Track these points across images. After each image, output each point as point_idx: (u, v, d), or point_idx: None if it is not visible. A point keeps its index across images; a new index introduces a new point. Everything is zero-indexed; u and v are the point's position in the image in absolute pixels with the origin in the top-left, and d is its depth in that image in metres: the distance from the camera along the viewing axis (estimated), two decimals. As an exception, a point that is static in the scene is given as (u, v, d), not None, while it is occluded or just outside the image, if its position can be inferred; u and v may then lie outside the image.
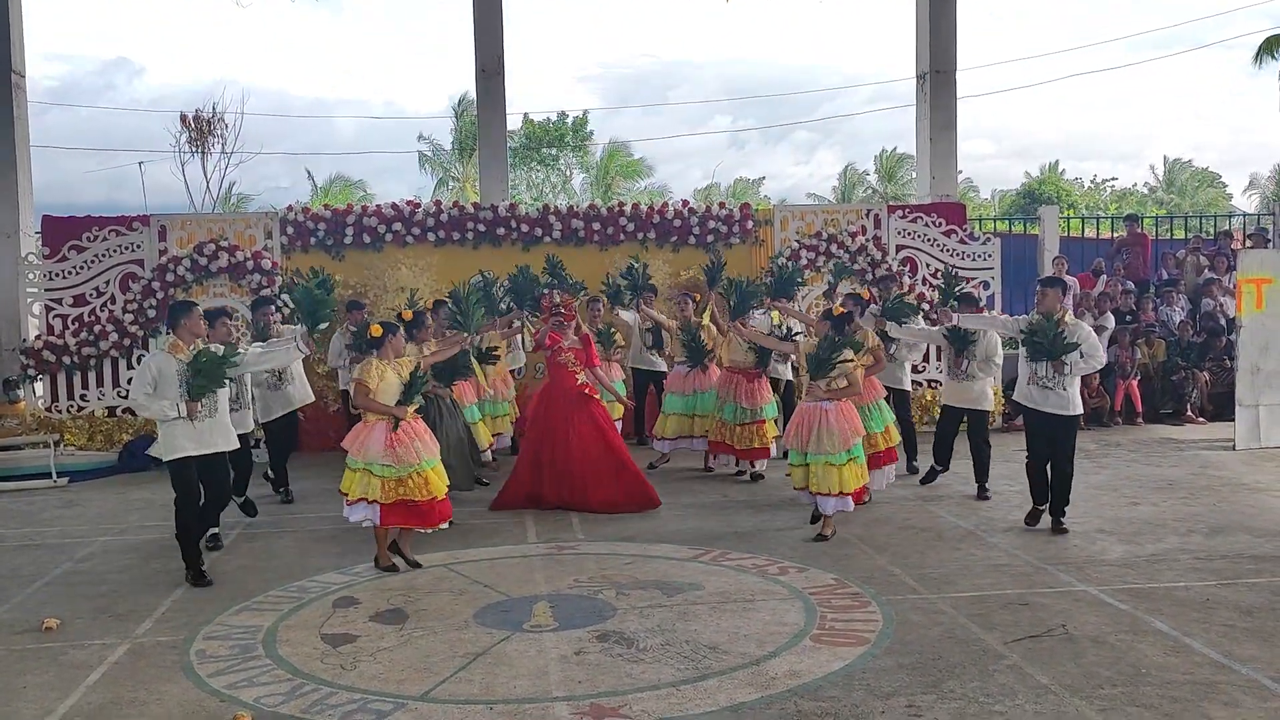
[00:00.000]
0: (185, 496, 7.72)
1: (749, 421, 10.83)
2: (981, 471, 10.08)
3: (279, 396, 10.21)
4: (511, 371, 12.51)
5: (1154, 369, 14.90)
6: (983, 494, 10.03)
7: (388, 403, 7.81)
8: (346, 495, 7.85)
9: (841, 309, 8.95)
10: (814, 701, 5.38)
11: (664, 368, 12.48)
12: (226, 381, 7.88)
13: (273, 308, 10.92)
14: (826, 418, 8.43)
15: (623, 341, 12.41)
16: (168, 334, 8.86)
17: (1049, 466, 8.69)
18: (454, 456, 9.43)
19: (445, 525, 8.09)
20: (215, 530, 8.59)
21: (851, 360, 8.53)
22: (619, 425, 11.66)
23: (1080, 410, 8.64)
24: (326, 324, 9.26)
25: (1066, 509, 8.75)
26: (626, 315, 12.73)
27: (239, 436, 8.87)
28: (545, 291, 11.07)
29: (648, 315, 12.35)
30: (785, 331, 10.63)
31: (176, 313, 7.97)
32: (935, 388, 13.81)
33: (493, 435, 11.68)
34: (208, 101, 40.02)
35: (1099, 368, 8.80)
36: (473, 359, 10.71)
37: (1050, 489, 8.72)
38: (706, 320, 11.56)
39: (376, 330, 7.97)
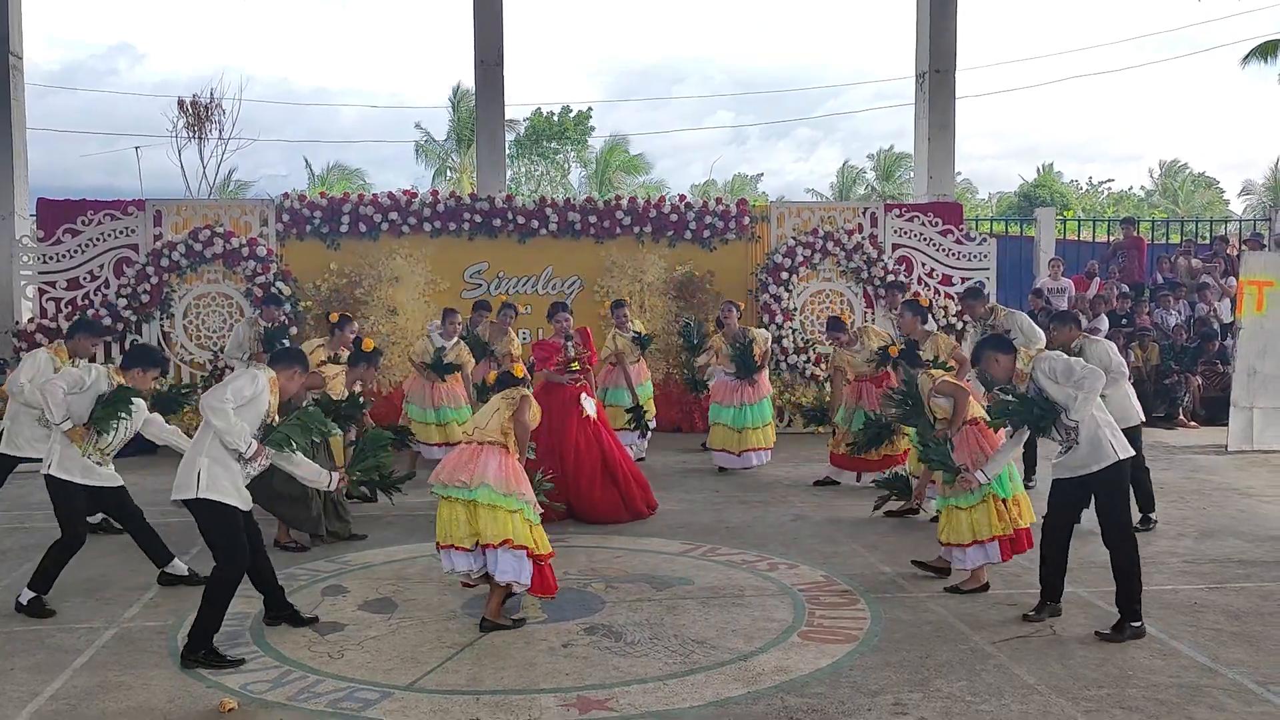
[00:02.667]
0: (238, 548, 6.06)
1: None
2: (1144, 499, 8.81)
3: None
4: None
5: (1147, 372, 14.93)
6: (1143, 523, 8.65)
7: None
8: (529, 549, 6.37)
9: (896, 348, 7.98)
10: (800, 698, 5.38)
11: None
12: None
13: (286, 307, 11.04)
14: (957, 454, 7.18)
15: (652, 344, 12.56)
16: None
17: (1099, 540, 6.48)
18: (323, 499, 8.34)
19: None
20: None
21: (934, 375, 7.49)
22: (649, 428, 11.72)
23: (1114, 455, 6.19)
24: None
25: (1137, 610, 6.29)
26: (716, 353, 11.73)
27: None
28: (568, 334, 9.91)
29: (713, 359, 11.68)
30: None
31: (291, 359, 6.55)
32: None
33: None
34: (206, 88, 39.97)
35: (1098, 386, 6.13)
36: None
37: (1114, 576, 6.37)
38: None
39: (520, 370, 6.82)
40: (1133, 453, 6.42)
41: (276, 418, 6.24)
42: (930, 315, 8.54)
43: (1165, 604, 6.86)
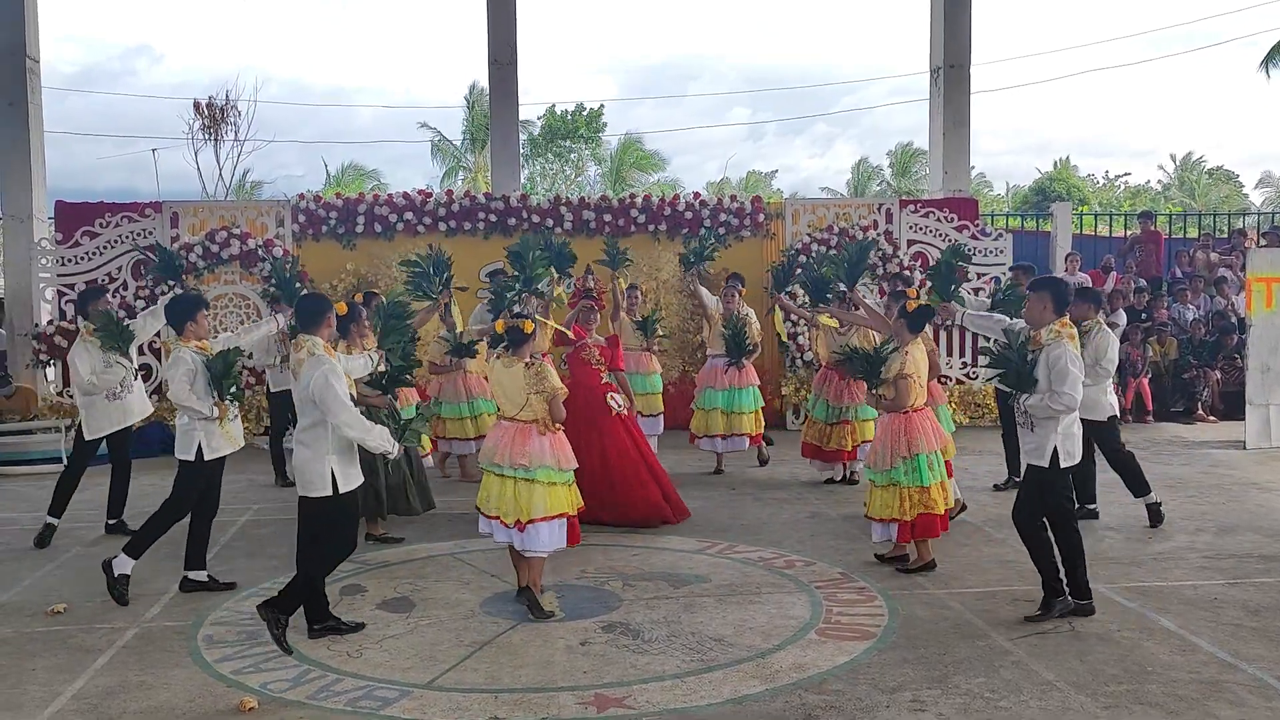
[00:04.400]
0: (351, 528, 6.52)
1: (837, 421, 10.20)
2: (1136, 484, 8.82)
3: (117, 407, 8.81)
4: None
5: (1165, 367, 14.86)
6: (1155, 516, 8.78)
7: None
8: (569, 514, 6.82)
9: (917, 303, 7.66)
10: (818, 695, 5.38)
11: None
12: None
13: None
14: (878, 430, 7.64)
15: (662, 332, 11.98)
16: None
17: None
18: (396, 476, 8.42)
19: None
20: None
21: (911, 357, 7.47)
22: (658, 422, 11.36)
23: (1048, 461, 6.38)
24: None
25: (1077, 587, 6.52)
26: (708, 298, 11.73)
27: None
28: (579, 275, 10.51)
29: (696, 293, 11.87)
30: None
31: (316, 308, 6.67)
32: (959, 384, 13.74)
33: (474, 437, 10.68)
34: (222, 89, 40.11)
35: (1065, 411, 6.31)
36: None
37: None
38: (826, 320, 10.48)
39: (529, 326, 6.85)
40: (1075, 462, 6.51)
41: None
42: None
43: (1185, 599, 6.84)
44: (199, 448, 7.17)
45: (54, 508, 8.76)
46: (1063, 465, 6.41)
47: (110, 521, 8.99)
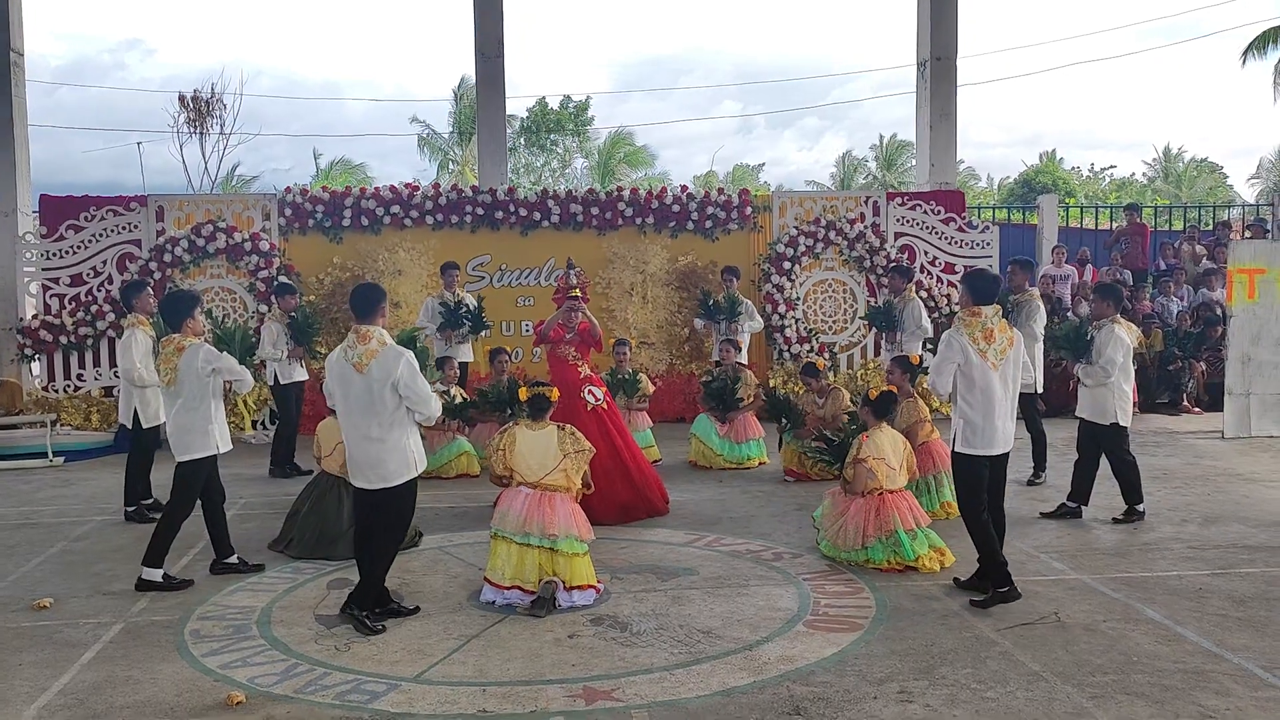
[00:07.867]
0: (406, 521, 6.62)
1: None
2: (1130, 492, 8.84)
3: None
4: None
5: (1150, 359, 14.90)
6: (1126, 516, 8.76)
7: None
8: (596, 587, 6.79)
9: (881, 390, 7.82)
10: (806, 686, 5.40)
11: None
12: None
13: (298, 296, 11.10)
14: (850, 510, 7.60)
15: (649, 389, 11.75)
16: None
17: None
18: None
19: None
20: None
21: (866, 447, 7.54)
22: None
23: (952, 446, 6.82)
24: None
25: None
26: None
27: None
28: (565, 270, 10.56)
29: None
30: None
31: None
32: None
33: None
34: (208, 83, 39.98)
35: (935, 386, 6.73)
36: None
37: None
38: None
39: (554, 394, 6.99)
40: (965, 452, 6.68)
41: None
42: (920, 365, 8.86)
43: (1170, 590, 6.87)
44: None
45: (130, 498, 9.11)
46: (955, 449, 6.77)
47: (135, 508, 9.13)
